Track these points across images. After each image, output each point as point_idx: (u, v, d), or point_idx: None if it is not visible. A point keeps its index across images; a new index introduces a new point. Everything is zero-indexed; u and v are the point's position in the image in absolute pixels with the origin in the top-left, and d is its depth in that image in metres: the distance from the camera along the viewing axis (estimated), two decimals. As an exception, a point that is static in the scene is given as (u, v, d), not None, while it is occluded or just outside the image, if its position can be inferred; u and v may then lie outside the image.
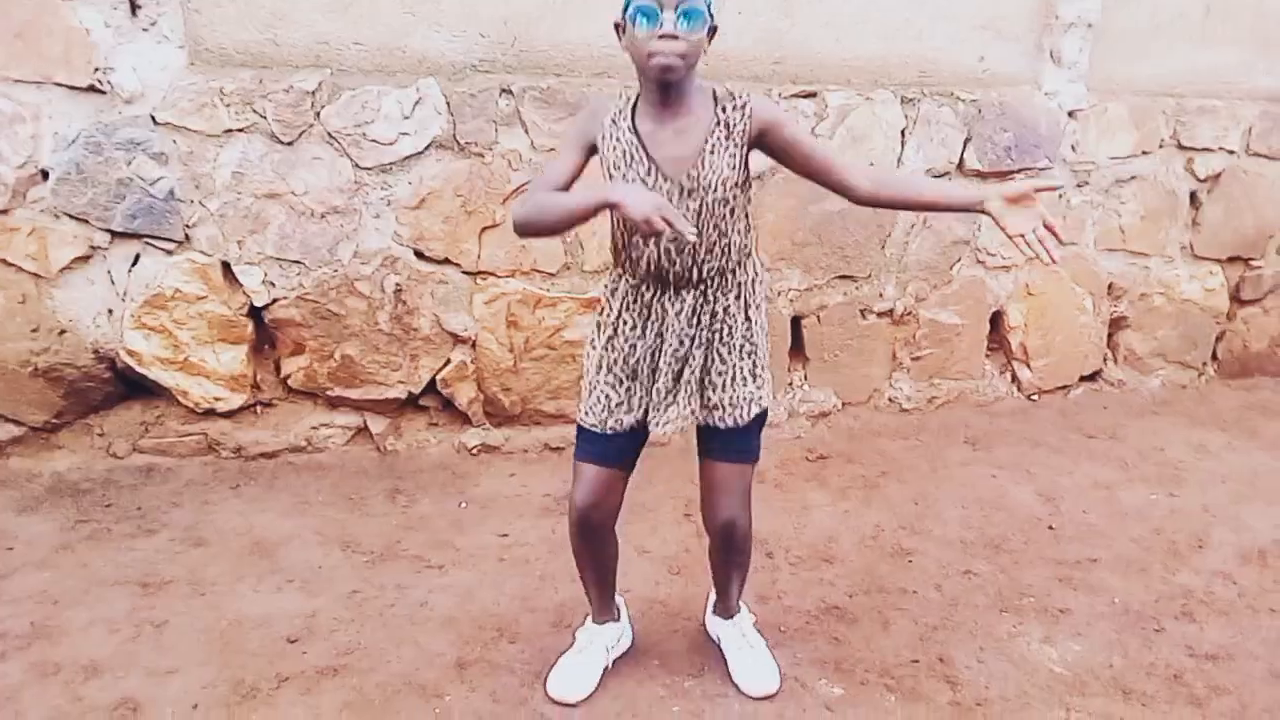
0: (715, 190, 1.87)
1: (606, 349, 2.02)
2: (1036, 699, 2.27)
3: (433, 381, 3.34)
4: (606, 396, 2.02)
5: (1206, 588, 2.76)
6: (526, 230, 1.91)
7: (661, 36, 1.75)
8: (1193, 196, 4.18)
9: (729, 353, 1.99)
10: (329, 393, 3.27)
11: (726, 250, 1.94)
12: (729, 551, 2.18)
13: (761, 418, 2.07)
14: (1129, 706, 2.26)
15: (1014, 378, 4.08)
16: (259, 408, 3.28)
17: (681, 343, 1.96)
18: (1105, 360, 4.25)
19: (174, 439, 3.20)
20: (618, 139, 1.88)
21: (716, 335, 1.98)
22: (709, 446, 2.08)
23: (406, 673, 2.26)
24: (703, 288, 1.95)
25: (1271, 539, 3.04)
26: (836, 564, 2.82)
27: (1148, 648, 2.47)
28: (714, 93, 1.90)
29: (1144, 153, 4.00)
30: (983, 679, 2.33)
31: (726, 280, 1.96)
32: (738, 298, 1.98)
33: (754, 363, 2.03)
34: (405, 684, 2.22)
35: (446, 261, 3.25)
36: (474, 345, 3.33)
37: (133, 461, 3.18)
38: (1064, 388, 4.16)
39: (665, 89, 1.84)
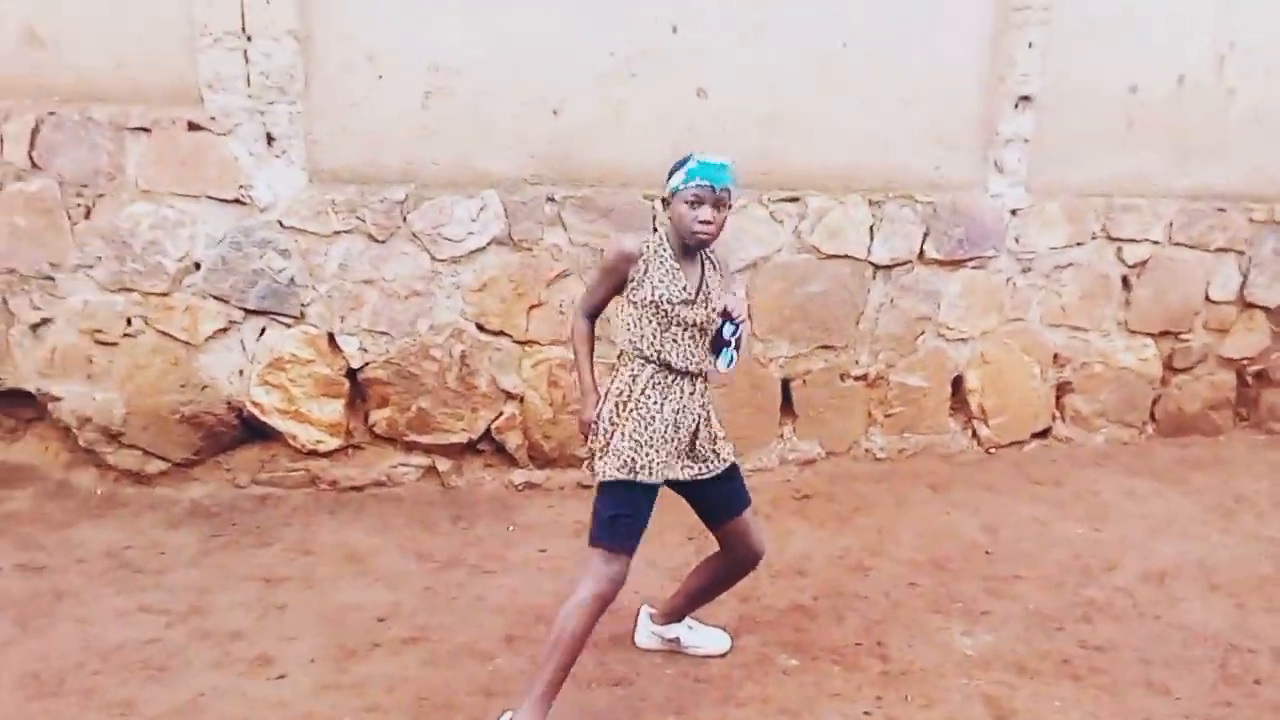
0: (715, 304, 2.62)
1: (634, 420, 2.55)
2: (950, 671, 2.92)
3: (488, 430, 4.11)
4: (649, 456, 2.53)
5: (1108, 599, 3.39)
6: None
7: (703, 221, 2.50)
8: (1124, 280, 4.80)
9: (714, 419, 2.72)
10: (406, 438, 4.05)
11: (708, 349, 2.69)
12: (745, 574, 2.89)
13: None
14: (1021, 678, 2.90)
15: (974, 434, 4.70)
16: (350, 450, 4.06)
17: (694, 417, 2.65)
18: (1054, 419, 4.83)
19: (284, 473, 3.99)
20: (664, 266, 2.57)
21: (708, 408, 2.70)
22: (727, 508, 2.72)
23: (468, 643, 2.98)
24: (702, 376, 2.67)
25: (1173, 564, 3.66)
26: (808, 576, 3.50)
27: (1047, 640, 3.11)
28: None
29: (1078, 243, 4.68)
30: (909, 657, 3.00)
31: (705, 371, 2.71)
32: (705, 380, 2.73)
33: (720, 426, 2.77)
34: (467, 650, 2.94)
35: (501, 333, 4.05)
36: (522, 401, 4.10)
37: (252, 491, 3.98)
38: (1018, 443, 4.76)
39: (695, 249, 2.60)
